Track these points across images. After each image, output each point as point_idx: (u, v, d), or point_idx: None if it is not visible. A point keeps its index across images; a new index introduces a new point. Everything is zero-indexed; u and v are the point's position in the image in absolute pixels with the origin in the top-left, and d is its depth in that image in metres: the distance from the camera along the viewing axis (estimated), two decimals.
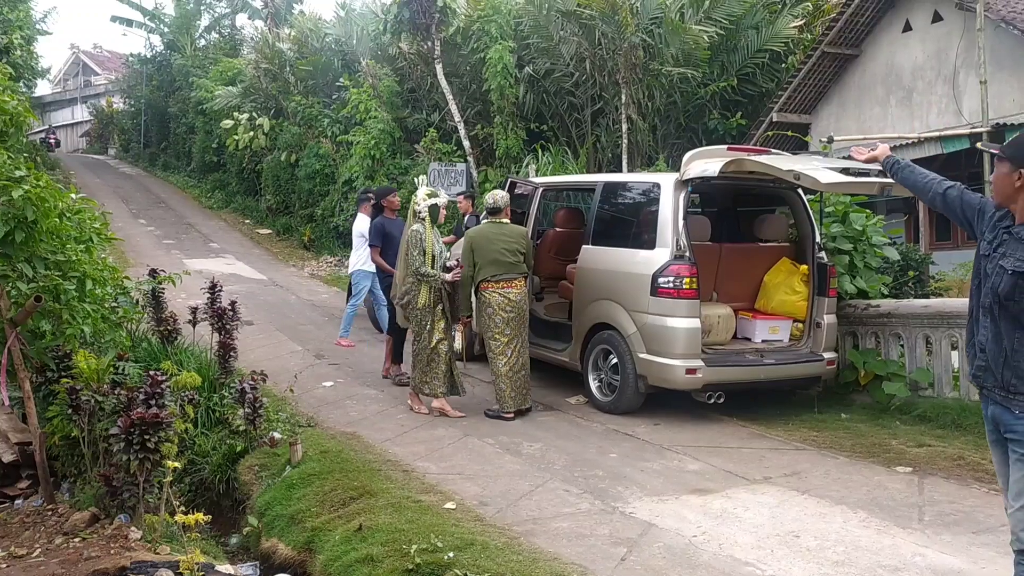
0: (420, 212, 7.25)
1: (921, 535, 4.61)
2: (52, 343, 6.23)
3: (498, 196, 7.48)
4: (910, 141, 11.16)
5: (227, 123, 20.76)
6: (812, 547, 4.51)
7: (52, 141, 38.09)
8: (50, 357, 6.24)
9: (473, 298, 7.41)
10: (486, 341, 7.30)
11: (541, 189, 8.67)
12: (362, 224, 10.48)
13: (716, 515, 4.97)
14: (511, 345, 7.21)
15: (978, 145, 4.06)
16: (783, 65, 14.00)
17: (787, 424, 6.97)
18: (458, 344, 7.86)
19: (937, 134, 10.92)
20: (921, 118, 11.90)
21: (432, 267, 7.17)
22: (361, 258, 10.40)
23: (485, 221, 7.51)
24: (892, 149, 11.84)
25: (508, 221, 7.45)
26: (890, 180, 6.62)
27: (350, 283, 11.15)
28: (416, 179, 7.66)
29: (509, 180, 8.74)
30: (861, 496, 5.28)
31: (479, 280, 7.23)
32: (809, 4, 14.36)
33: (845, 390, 7.71)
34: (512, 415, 7.15)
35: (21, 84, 20.75)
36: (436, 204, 7.35)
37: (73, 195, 6.96)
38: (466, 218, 10.59)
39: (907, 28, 12.12)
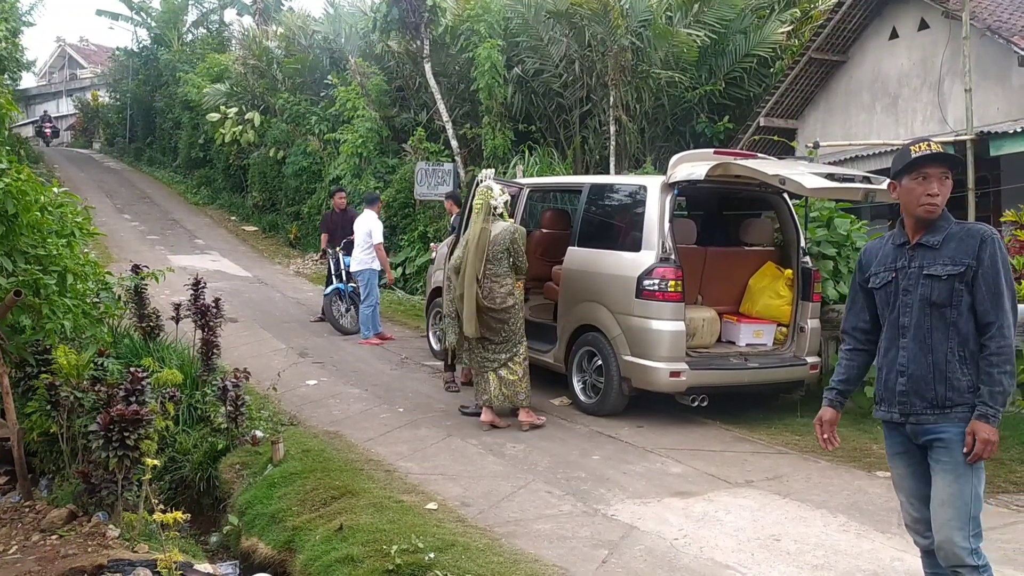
0: (498, 208, 6.96)
1: (900, 540, 4.62)
2: (32, 338, 6.17)
3: (507, 197, 7.31)
4: (894, 148, 11.23)
5: (213, 116, 20.64)
6: (792, 551, 4.52)
7: (47, 131, 35.89)
8: (29, 352, 6.18)
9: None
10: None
11: (527, 190, 8.66)
12: (372, 223, 10.52)
13: (698, 518, 4.98)
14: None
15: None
16: (771, 70, 14.04)
17: (770, 428, 7.00)
18: (452, 341, 7.84)
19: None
20: (906, 125, 11.96)
21: None
22: (370, 256, 10.43)
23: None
24: (877, 156, 11.81)
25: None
26: (875, 186, 6.70)
27: (337, 277, 11.13)
28: (481, 172, 7.40)
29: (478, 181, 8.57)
30: (842, 500, 5.30)
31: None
32: (797, 11, 14.42)
33: None
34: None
35: (6, 76, 20.54)
36: (507, 201, 7.13)
37: (55, 189, 6.90)
38: (452, 218, 10.61)
39: (894, 35, 12.18)
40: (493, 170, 7.27)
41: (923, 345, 3.16)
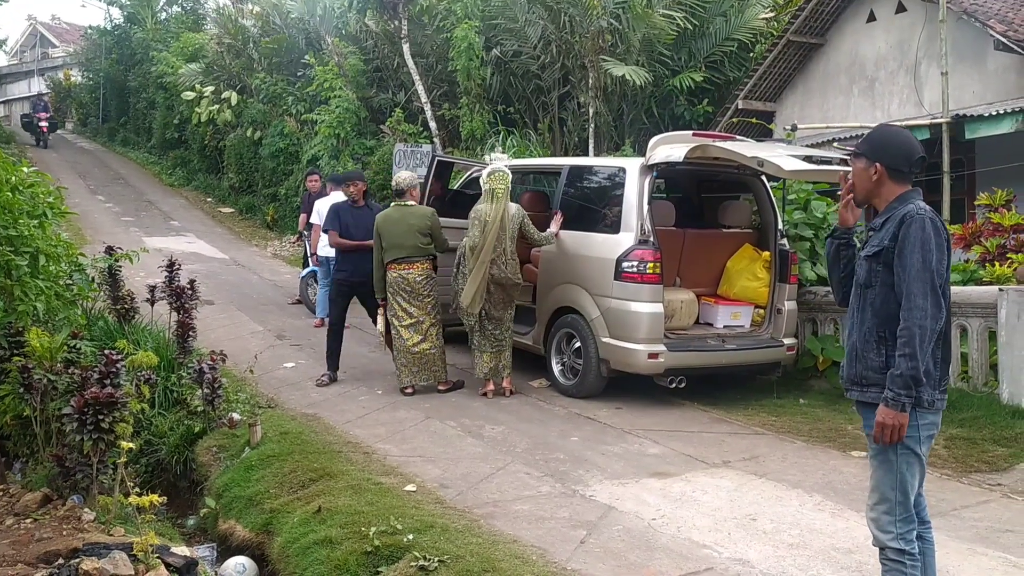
0: (510, 190, 7.31)
1: None
2: (4, 320, 6.07)
3: (402, 178, 7.53)
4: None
5: (188, 95, 20.35)
6: (768, 530, 4.57)
7: (42, 125, 27.09)
8: (1, 335, 6.08)
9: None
10: (390, 319, 7.44)
11: None
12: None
13: (675, 498, 5.02)
14: (417, 327, 7.31)
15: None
16: (750, 54, 14.05)
17: (747, 409, 7.05)
18: (380, 326, 7.89)
19: (898, 124, 11.04)
20: (883, 108, 12.02)
21: None
22: None
23: (392, 204, 7.55)
24: (855, 138, 11.87)
25: (414, 203, 7.50)
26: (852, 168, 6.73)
27: (310, 260, 11.03)
28: (490, 154, 7.40)
29: (436, 158, 8.66)
30: (817, 480, 5.36)
31: (385, 262, 7.34)
32: None
33: (804, 376, 7.81)
34: (412, 390, 7.34)
35: None
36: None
37: (26, 169, 6.77)
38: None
39: (871, 18, 12.22)
40: (505, 154, 7.43)
41: (852, 324, 3.31)
